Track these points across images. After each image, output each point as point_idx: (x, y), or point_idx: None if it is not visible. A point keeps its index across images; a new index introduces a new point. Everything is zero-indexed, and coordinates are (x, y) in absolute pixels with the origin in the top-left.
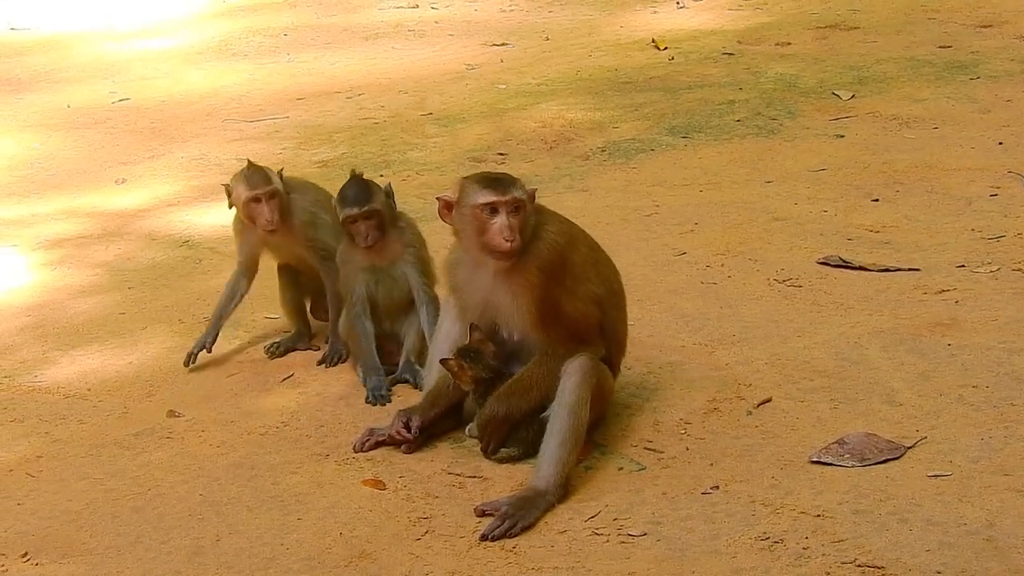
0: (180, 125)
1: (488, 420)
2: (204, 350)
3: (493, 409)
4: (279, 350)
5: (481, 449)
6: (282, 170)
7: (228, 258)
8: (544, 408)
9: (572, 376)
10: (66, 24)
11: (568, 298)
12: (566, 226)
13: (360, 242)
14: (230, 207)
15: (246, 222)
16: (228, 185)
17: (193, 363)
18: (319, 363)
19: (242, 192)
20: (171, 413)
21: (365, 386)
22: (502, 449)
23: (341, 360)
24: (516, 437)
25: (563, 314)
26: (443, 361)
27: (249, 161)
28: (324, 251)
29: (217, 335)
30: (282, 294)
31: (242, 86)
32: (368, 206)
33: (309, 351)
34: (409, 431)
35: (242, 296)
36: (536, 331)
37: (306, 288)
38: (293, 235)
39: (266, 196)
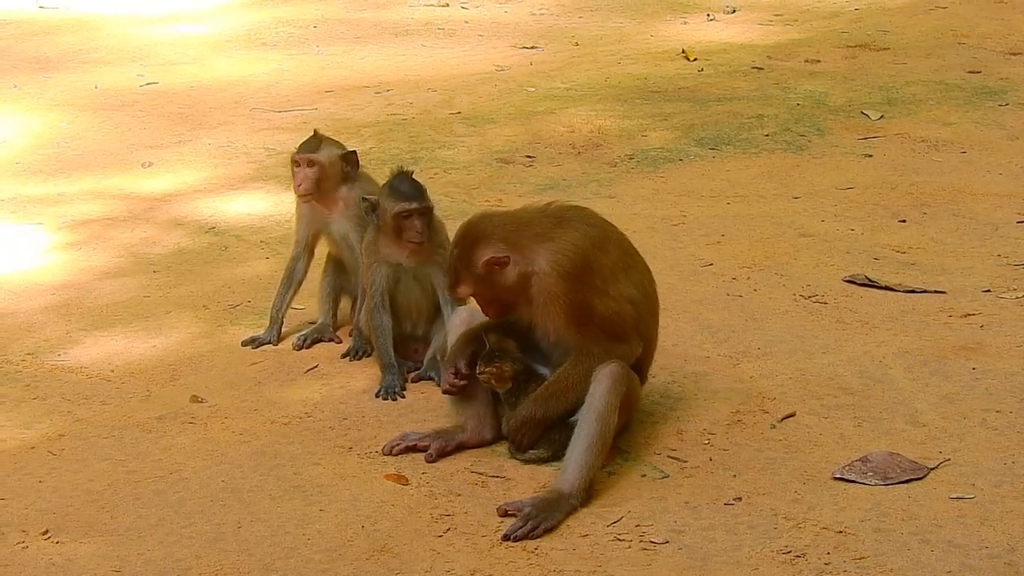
0: (208, 112)
1: (524, 422)
2: (271, 344)
3: (531, 411)
4: (306, 342)
5: (511, 448)
6: (355, 152)
7: (254, 247)
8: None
9: (603, 382)
10: (94, 5)
11: (600, 298)
12: (595, 229)
13: (412, 238)
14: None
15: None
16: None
17: (253, 348)
18: (343, 356)
19: (293, 153)
20: (194, 398)
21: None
22: (531, 451)
23: (366, 354)
24: (547, 438)
25: (596, 314)
26: (480, 373)
27: (316, 131)
28: None
29: (281, 329)
30: (323, 278)
31: (270, 76)
32: (426, 202)
33: (333, 342)
34: (461, 374)
35: (300, 283)
36: (570, 333)
37: (349, 288)
38: (348, 215)
39: (304, 162)
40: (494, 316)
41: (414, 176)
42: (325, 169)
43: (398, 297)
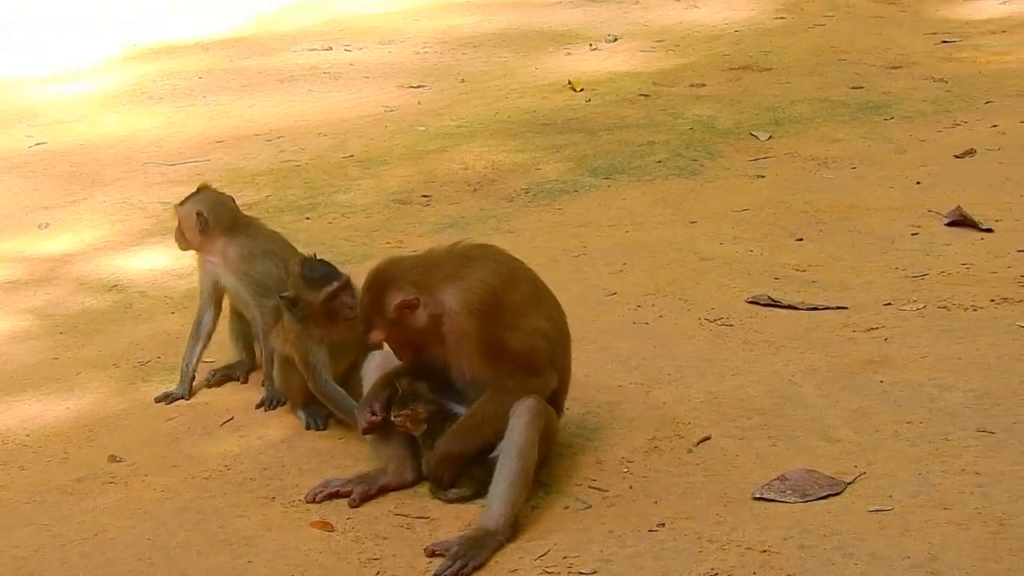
0: (100, 169)
1: (443, 458)
2: (183, 399)
3: (448, 447)
4: (215, 376)
5: (431, 487)
6: (232, 199)
7: (159, 302)
8: (496, 444)
9: (521, 418)
10: None
11: (511, 334)
12: (503, 266)
13: (348, 314)
14: None
15: None
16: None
17: (167, 403)
18: (258, 406)
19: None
20: (112, 458)
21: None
22: (453, 490)
23: (280, 403)
24: (468, 476)
25: (508, 349)
26: (394, 417)
27: (203, 183)
28: (258, 288)
29: (192, 382)
30: (231, 322)
31: (160, 129)
32: (344, 276)
33: (239, 382)
34: (376, 414)
35: (209, 335)
36: (484, 370)
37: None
38: (230, 268)
39: (176, 210)
40: (408, 360)
41: (316, 256)
42: (181, 223)
43: (333, 366)
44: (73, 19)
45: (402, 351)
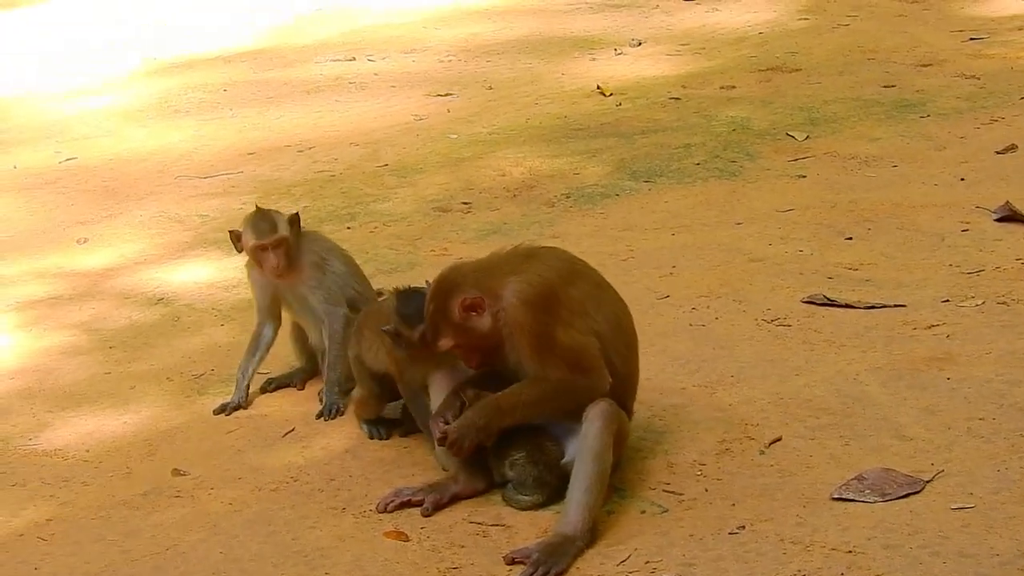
0: (133, 183)
1: (465, 427)
2: (241, 407)
3: (473, 418)
4: (271, 387)
5: (506, 496)
6: (297, 213)
7: (207, 314)
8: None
9: (595, 422)
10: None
11: (564, 329)
12: (564, 263)
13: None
14: (239, 252)
15: (256, 267)
16: (234, 231)
17: (226, 415)
18: (318, 416)
19: (249, 239)
20: (176, 472)
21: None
22: (524, 497)
23: (340, 413)
24: (540, 482)
25: (559, 344)
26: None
27: (257, 206)
28: (329, 297)
29: (247, 391)
30: (293, 329)
31: (189, 142)
32: None
33: (295, 388)
34: (450, 424)
35: (268, 347)
36: (531, 362)
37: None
38: (302, 279)
39: (272, 244)
40: (476, 366)
41: (412, 288)
42: (291, 243)
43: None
44: (90, 34)
45: (470, 357)
